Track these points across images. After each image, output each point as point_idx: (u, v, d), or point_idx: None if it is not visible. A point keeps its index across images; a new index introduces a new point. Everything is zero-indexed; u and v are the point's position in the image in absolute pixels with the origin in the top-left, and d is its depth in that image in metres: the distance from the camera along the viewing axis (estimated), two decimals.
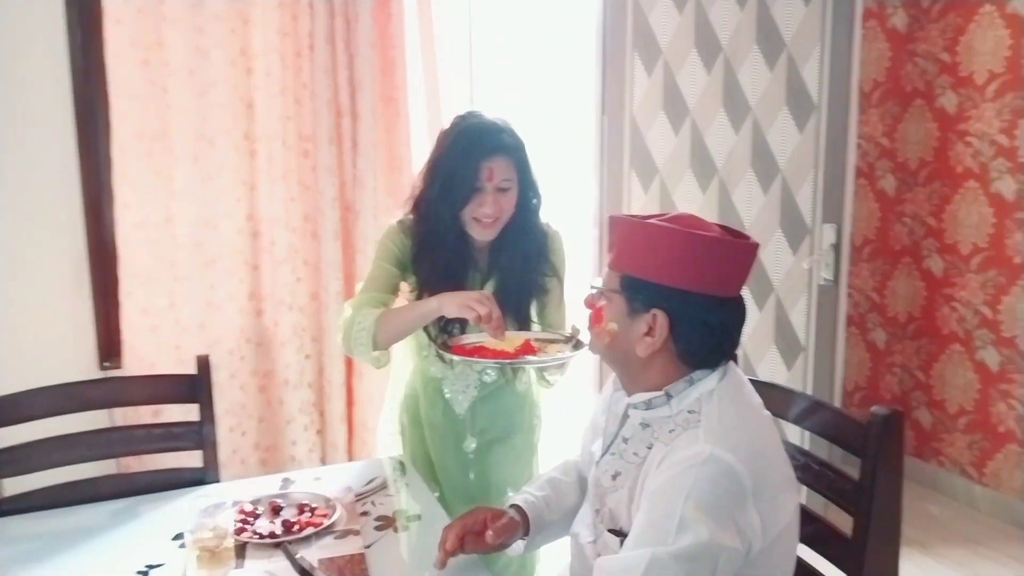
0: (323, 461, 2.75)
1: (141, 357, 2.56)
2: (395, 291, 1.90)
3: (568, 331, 1.79)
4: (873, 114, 3.44)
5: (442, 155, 1.80)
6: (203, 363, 1.85)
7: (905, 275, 3.46)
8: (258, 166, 2.62)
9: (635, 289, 1.30)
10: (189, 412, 2.36)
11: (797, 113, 2.86)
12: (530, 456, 2.06)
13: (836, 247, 2.84)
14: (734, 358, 1.38)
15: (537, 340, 1.75)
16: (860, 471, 1.44)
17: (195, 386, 1.85)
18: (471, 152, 1.76)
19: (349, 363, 2.75)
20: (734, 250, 1.30)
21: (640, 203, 3.00)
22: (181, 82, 2.49)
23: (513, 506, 1.52)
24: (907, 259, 3.44)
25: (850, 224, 2.94)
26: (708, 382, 1.30)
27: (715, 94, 2.91)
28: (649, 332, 1.29)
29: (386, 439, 2.12)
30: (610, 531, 1.34)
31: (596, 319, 1.38)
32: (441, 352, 1.77)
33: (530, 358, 1.68)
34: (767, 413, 1.35)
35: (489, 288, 1.89)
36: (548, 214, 1.95)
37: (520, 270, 1.88)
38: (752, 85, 2.88)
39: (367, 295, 1.84)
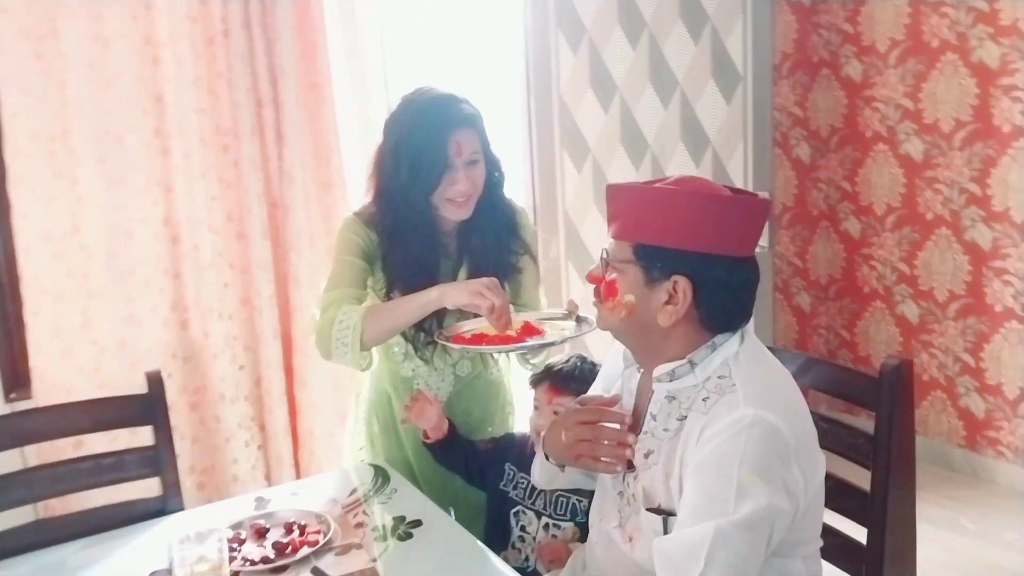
0: (268, 478, 2.57)
1: (53, 384, 2.31)
2: (365, 286, 1.77)
3: (564, 308, 1.70)
4: (784, 85, 3.52)
5: (403, 136, 1.66)
6: (155, 380, 1.66)
7: (824, 239, 3.57)
8: (173, 164, 2.41)
9: (652, 257, 1.24)
10: (115, 440, 2.15)
11: (724, 85, 2.88)
12: None
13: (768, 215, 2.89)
14: None
15: (535, 320, 1.66)
16: (875, 423, 1.44)
17: (147, 406, 1.66)
18: (435, 127, 1.64)
19: (288, 371, 2.58)
20: (750, 208, 1.28)
21: (574, 183, 2.96)
22: (80, 75, 2.25)
23: None
24: (825, 223, 3.55)
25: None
26: (730, 346, 1.27)
27: (642, 70, 2.89)
28: (671, 300, 1.24)
29: (355, 453, 1.98)
30: (649, 510, 1.28)
31: (609, 293, 1.31)
32: (446, 344, 1.65)
33: (532, 341, 1.57)
34: (787, 371, 1.33)
35: (462, 275, 1.79)
36: None
37: (492, 250, 1.79)
38: (678, 59, 2.88)
39: (339, 292, 1.70)
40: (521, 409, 2.04)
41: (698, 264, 1.22)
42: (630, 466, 1.30)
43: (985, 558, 2.65)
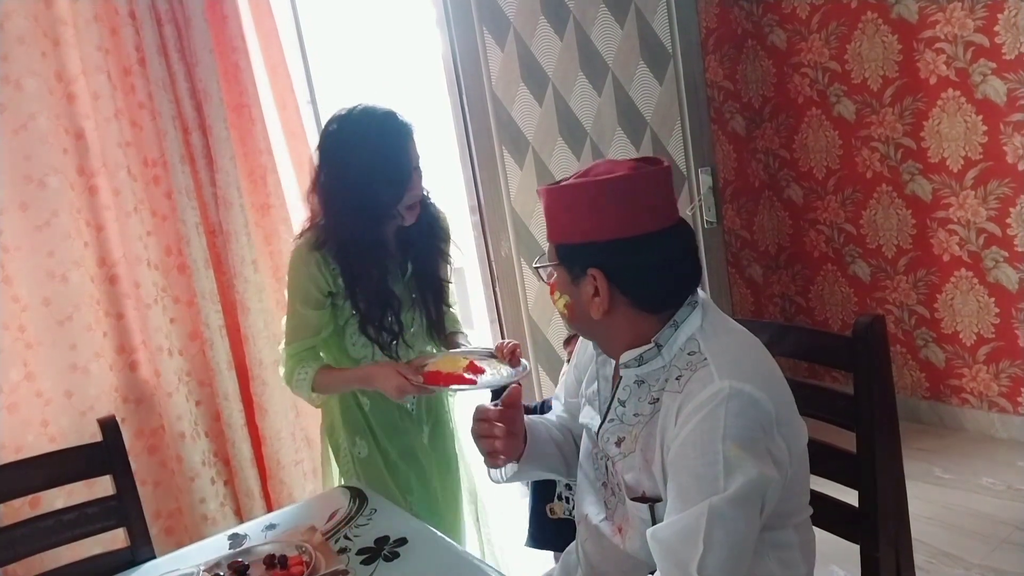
0: (239, 513, 2.48)
1: (1, 443, 2.19)
2: (320, 332, 1.85)
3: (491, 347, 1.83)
4: (712, 60, 3.54)
5: (364, 156, 1.70)
6: (109, 425, 1.58)
7: (768, 208, 3.60)
8: (101, 202, 2.32)
9: (569, 256, 1.25)
10: (71, 495, 2.05)
11: (654, 65, 2.88)
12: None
13: (713, 189, 2.90)
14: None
15: (470, 355, 1.79)
16: (854, 383, 1.42)
17: (105, 454, 1.58)
18: (399, 139, 1.72)
19: (247, 401, 2.49)
20: (644, 182, 1.21)
21: (516, 179, 2.93)
22: None
23: None
24: (768, 193, 3.58)
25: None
26: (693, 320, 1.24)
27: (571, 58, 2.87)
28: (596, 293, 1.22)
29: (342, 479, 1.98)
30: (634, 499, 1.25)
31: (553, 294, 1.33)
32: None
33: (486, 379, 1.70)
34: (756, 338, 1.30)
35: (412, 283, 1.89)
36: None
37: (427, 248, 1.89)
38: (606, 44, 2.87)
39: (297, 346, 1.83)
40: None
41: (607, 253, 1.21)
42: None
43: (964, 505, 2.68)
